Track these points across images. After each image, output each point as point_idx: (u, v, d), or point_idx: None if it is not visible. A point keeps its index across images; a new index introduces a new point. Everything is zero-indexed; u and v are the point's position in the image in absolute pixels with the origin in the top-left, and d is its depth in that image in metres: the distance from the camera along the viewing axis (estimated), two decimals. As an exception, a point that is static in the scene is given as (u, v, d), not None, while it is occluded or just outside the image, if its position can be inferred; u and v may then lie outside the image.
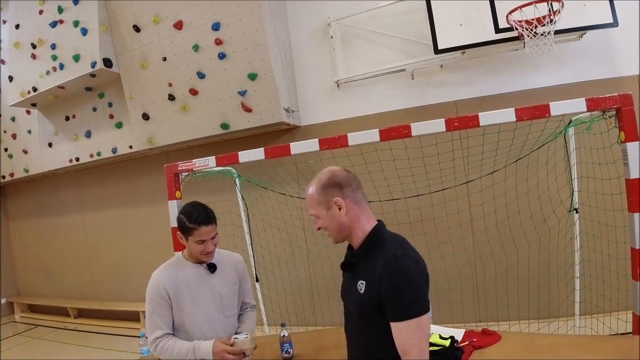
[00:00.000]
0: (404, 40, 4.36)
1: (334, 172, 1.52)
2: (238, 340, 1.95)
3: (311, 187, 1.53)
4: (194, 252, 2.00)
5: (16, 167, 6.78)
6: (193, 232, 1.96)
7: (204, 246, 1.98)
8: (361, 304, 1.46)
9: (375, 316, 1.41)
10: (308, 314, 4.73)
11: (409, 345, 1.32)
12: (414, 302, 1.33)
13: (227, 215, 4.33)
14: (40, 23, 5.62)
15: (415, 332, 1.32)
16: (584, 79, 3.84)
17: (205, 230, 1.96)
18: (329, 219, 1.50)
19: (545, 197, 3.65)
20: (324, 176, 1.52)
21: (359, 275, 1.49)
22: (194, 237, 1.96)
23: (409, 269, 1.36)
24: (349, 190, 1.49)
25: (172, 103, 4.98)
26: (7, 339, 6.11)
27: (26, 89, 5.82)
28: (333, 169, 1.54)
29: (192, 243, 1.98)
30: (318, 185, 1.51)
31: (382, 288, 1.36)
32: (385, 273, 1.36)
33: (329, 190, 1.49)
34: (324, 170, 1.55)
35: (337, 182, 1.49)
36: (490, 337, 2.38)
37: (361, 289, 1.45)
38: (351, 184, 1.50)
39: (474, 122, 2.59)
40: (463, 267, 4.11)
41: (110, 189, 6.39)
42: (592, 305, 3.26)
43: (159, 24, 4.87)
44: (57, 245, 7.06)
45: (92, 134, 5.92)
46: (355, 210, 1.50)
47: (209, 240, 1.99)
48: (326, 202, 1.49)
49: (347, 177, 1.51)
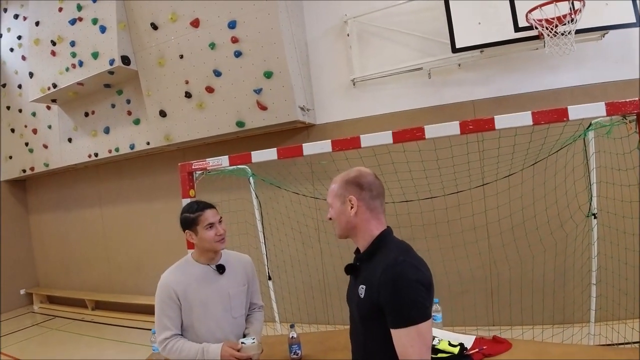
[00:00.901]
0: (421, 39, 4.31)
1: (361, 173, 1.55)
2: (245, 345, 1.97)
3: (337, 178, 1.58)
4: (207, 242, 2.01)
5: (36, 162, 6.93)
6: (199, 218, 2.00)
7: (214, 230, 2.01)
8: (361, 308, 1.46)
9: (375, 321, 1.40)
10: (319, 313, 4.74)
11: (409, 353, 1.30)
12: (413, 309, 1.31)
13: (240, 214, 4.36)
14: (60, 20, 5.73)
15: (415, 339, 1.30)
16: (605, 80, 3.74)
17: (210, 213, 2.03)
18: (339, 213, 1.53)
19: (562, 202, 3.57)
20: (352, 173, 1.55)
21: (360, 279, 1.50)
22: (202, 224, 2.00)
23: (408, 274, 1.34)
24: (367, 194, 1.50)
25: (189, 101, 5.02)
26: (25, 329, 6.27)
27: (46, 85, 5.94)
28: (363, 170, 1.57)
29: (203, 232, 2.00)
30: (343, 179, 1.55)
31: (382, 294, 1.35)
32: (384, 278, 1.35)
33: (349, 187, 1.52)
34: (355, 167, 1.59)
35: (359, 183, 1.51)
36: (500, 344, 2.34)
37: (362, 294, 1.45)
38: (372, 189, 1.52)
39: (490, 125, 2.54)
40: (477, 270, 4.06)
41: (128, 184, 6.51)
42: (606, 313, 3.18)
43: (176, 22, 4.91)
44: (76, 238, 7.22)
45: (111, 130, 6.02)
46: (366, 215, 1.50)
47: (217, 223, 2.03)
48: (342, 197, 1.52)
49: (371, 182, 1.53)
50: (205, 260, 2.08)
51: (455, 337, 2.42)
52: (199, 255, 2.09)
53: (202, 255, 2.08)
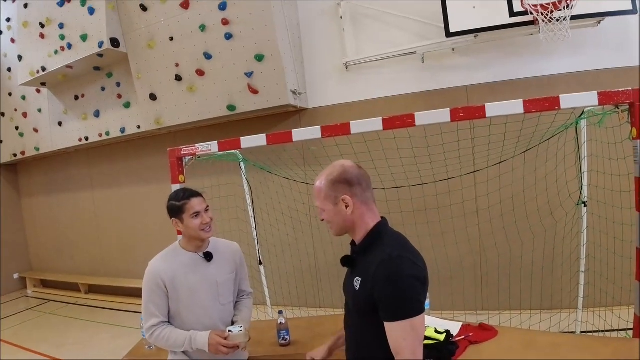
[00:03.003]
0: (415, 22, 4.24)
1: (346, 168, 1.48)
2: (232, 334, 1.97)
3: (321, 180, 1.50)
4: (192, 230, 2.00)
5: (27, 146, 6.86)
6: (185, 207, 1.98)
7: (200, 219, 1.99)
8: (357, 300, 1.46)
9: (369, 314, 1.40)
10: (310, 297, 4.77)
11: (402, 346, 1.31)
12: (406, 303, 1.32)
13: (231, 199, 4.34)
14: (48, 2, 5.58)
15: (408, 333, 1.31)
16: (601, 67, 3.71)
17: (196, 201, 2.00)
18: (334, 214, 1.48)
19: (553, 190, 3.57)
20: (336, 170, 1.48)
21: (356, 271, 1.49)
22: (188, 212, 1.98)
23: (403, 269, 1.34)
24: (359, 189, 1.46)
25: (179, 84, 4.95)
26: (19, 313, 6.29)
27: (35, 69, 5.83)
28: (346, 164, 1.50)
29: (188, 220, 1.99)
30: (328, 179, 1.48)
31: (376, 288, 1.35)
32: (379, 273, 1.35)
33: (338, 186, 1.46)
34: (336, 163, 1.51)
35: (347, 180, 1.46)
36: (487, 332, 2.36)
37: (357, 286, 1.45)
38: (362, 182, 1.47)
39: (480, 113, 2.52)
40: (466, 256, 4.09)
41: (120, 167, 6.46)
42: (594, 301, 3.21)
43: (165, 3, 4.79)
44: (68, 221, 7.20)
45: (101, 113, 5.94)
46: (362, 210, 1.47)
47: (203, 212, 2.01)
48: (334, 198, 1.46)
49: (359, 175, 1.48)
50: (193, 248, 2.07)
51: (442, 324, 2.44)
52: (186, 243, 2.08)
53: (189, 243, 2.07)
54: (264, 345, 2.58)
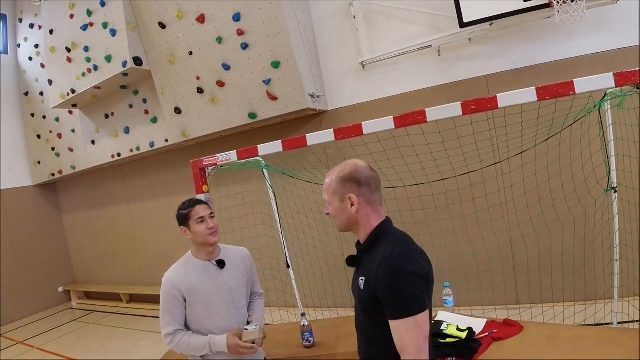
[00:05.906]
0: (427, 15, 4.20)
1: (357, 168, 1.51)
2: (247, 331, 2.05)
3: (332, 175, 1.55)
4: (200, 236, 2.08)
5: (64, 165, 7.21)
6: (190, 214, 2.09)
7: (205, 224, 2.08)
8: (362, 299, 1.49)
9: (375, 313, 1.42)
10: (338, 297, 4.73)
11: (406, 343, 1.33)
12: (410, 301, 1.33)
13: (256, 205, 4.41)
14: (72, 27, 5.87)
15: (412, 330, 1.32)
16: (625, 45, 3.54)
17: (200, 208, 2.11)
18: (339, 210, 1.52)
19: (579, 177, 3.43)
20: (347, 169, 1.52)
21: (361, 270, 1.52)
22: (193, 218, 2.08)
23: (405, 267, 1.35)
24: (366, 190, 1.49)
25: (201, 96, 5.09)
26: (64, 325, 6.61)
27: (65, 91, 6.14)
28: (358, 163, 1.54)
29: (195, 226, 2.08)
30: (338, 175, 1.52)
31: (379, 286, 1.37)
32: (381, 271, 1.37)
33: (346, 184, 1.49)
34: (349, 162, 1.55)
35: (357, 179, 1.49)
36: (511, 328, 2.31)
37: (361, 285, 1.47)
38: (370, 184, 1.50)
39: (493, 104, 2.48)
40: (493, 250, 3.98)
41: (153, 180, 6.68)
42: (628, 290, 3.06)
43: (182, 19, 4.95)
44: (107, 234, 7.50)
45: (131, 129, 6.18)
46: (367, 210, 1.50)
47: (207, 217, 2.10)
48: (341, 194, 1.50)
49: (369, 176, 1.50)
50: (205, 255, 2.15)
51: (465, 321, 2.41)
52: (197, 251, 2.16)
53: (200, 251, 2.15)
54: (289, 347, 2.63)
